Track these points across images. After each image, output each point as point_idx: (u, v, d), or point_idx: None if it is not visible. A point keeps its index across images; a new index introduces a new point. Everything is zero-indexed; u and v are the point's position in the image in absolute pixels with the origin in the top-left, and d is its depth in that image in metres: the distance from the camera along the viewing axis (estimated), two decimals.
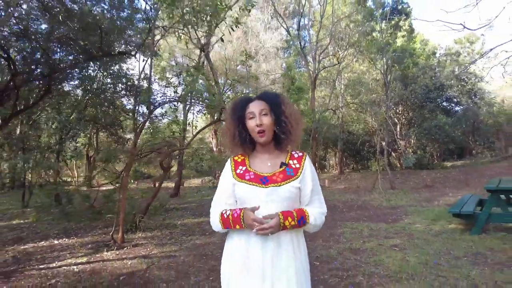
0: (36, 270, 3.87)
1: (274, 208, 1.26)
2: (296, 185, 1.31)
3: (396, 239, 4.54)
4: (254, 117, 1.34)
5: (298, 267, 1.28)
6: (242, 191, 1.32)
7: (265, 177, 1.32)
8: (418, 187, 11.77)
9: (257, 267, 1.24)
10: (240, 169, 1.38)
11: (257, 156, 1.42)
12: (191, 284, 3.25)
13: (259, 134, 1.34)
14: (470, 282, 2.94)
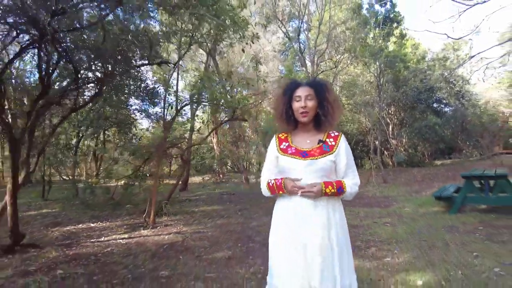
0: (89, 243, 4.63)
1: (311, 177, 1.49)
2: (331, 159, 1.53)
3: (388, 218, 5.39)
4: (300, 100, 1.56)
5: (332, 224, 1.50)
6: (285, 162, 1.56)
7: (305, 151, 1.54)
8: (409, 181, 12.68)
9: (296, 222, 1.49)
10: (284, 145, 1.62)
11: (298, 134, 1.66)
12: (223, 248, 4.05)
13: (302, 114, 1.57)
14: (443, 242, 3.80)
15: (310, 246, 1.45)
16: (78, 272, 3.48)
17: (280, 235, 1.56)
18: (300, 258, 1.45)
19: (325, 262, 1.44)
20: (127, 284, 3.08)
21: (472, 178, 5.46)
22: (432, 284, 2.67)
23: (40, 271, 3.53)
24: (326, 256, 1.44)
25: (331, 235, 1.47)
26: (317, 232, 1.46)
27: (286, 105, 1.62)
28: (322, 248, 1.44)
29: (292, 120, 1.63)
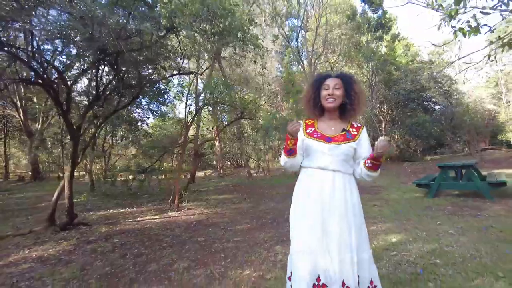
0: (129, 222, 5.57)
1: (332, 160, 1.64)
2: (353, 146, 1.66)
3: (376, 202, 6.39)
4: (329, 89, 1.70)
5: (349, 204, 1.64)
6: (311, 144, 1.69)
7: (329, 137, 1.68)
8: (399, 174, 13.74)
9: (315, 196, 1.63)
10: (310, 129, 1.75)
11: (324, 121, 1.78)
12: (243, 223, 5.02)
13: (327, 101, 1.70)
14: (417, 217, 4.81)
15: (328, 221, 1.59)
16: (130, 240, 4.43)
17: (301, 209, 1.68)
18: (319, 231, 1.58)
19: (342, 238, 1.57)
20: (174, 246, 4.03)
21: (446, 167, 6.49)
22: (403, 240, 3.67)
23: (99, 240, 4.47)
24: (343, 232, 1.58)
25: (348, 213, 1.61)
26: (335, 211, 1.59)
27: (315, 92, 1.77)
28: (340, 224, 1.58)
29: (319, 107, 1.77)
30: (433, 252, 3.22)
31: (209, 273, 3.04)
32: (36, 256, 3.93)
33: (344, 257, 1.54)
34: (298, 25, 15.37)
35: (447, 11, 2.62)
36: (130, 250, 3.96)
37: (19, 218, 6.55)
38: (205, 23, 3.49)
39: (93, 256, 3.80)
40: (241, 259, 3.38)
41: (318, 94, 1.75)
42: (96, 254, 3.87)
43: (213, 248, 3.85)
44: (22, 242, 4.61)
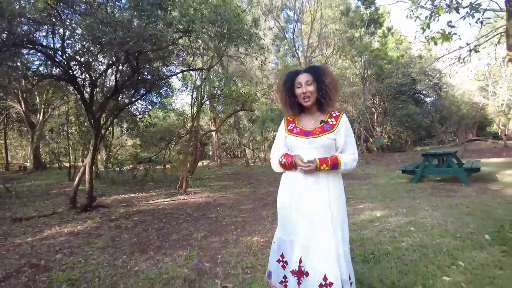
0: (143, 204, 6.15)
1: (313, 153, 1.67)
2: (332, 136, 1.67)
3: (365, 186, 7.07)
4: (301, 86, 1.70)
5: (332, 197, 1.66)
6: (291, 141, 1.75)
7: (308, 131, 1.71)
8: (389, 163, 14.48)
9: (300, 192, 1.69)
10: (291, 126, 1.80)
11: (304, 117, 1.81)
12: (247, 203, 5.65)
13: (304, 99, 1.71)
14: (400, 198, 5.49)
15: (311, 213, 1.64)
16: (149, 218, 5.02)
17: (286, 199, 1.78)
18: (303, 220, 1.66)
19: (325, 228, 1.61)
20: (189, 222, 4.64)
21: (428, 155, 7.18)
22: (385, 215, 4.32)
23: (121, 219, 5.06)
24: (327, 222, 1.62)
25: (332, 206, 1.64)
26: (318, 199, 1.65)
27: (289, 92, 1.77)
28: (323, 215, 1.63)
29: (296, 105, 1.79)
30: (410, 222, 3.88)
31: (224, 239, 3.66)
32: (68, 231, 4.50)
33: (327, 249, 1.58)
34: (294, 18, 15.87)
35: (422, 25, 3.19)
36: (151, 226, 4.55)
37: (36, 203, 7.06)
38: (216, 27, 4.00)
39: (118, 231, 4.39)
40: (250, 229, 4.01)
41: (293, 93, 1.77)
42: (121, 229, 4.46)
43: (224, 222, 4.47)
44: (49, 221, 5.16)
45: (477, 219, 3.80)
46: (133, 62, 4.51)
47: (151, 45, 4.11)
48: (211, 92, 7.83)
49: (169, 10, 4.33)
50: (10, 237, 4.35)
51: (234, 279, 2.58)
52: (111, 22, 3.77)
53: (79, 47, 4.17)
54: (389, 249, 2.98)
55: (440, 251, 2.83)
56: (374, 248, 3.03)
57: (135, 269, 2.99)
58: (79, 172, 5.87)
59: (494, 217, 3.81)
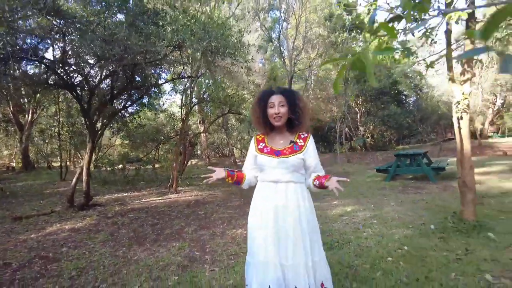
0: (136, 203, 6.58)
1: (283, 172, 1.76)
2: (301, 156, 1.77)
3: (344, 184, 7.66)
4: (274, 107, 1.77)
5: (302, 211, 1.73)
6: (262, 160, 1.81)
7: (278, 151, 1.79)
8: (370, 162, 15.23)
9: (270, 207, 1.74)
10: (261, 145, 1.87)
11: (273, 136, 1.88)
12: (233, 201, 6.15)
13: (275, 119, 1.79)
14: (372, 195, 6.09)
15: (283, 228, 1.69)
16: (143, 215, 5.47)
17: (257, 219, 1.79)
18: (274, 239, 1.68)
19: (297, 242, 1.66)
20: (180, 218, 5.12)
21: (400, 156, 7.84)
22: (355, 210, 4.90)
23: (117, 216, 5.49)
24: (298, 240, 1.66)
25: (302, 219, 1.70)
26: (288, 219, 1.69)
27: (262, 111, 1.83)
28: (294, 230, 1.67)
29: (268, 124, 1.84)
30: (374, 216, 4.46)
31: (212, 232, 4.17)
32: (68, 228, 4.92)
33: (298, 262, 1.64)
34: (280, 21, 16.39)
35: None
36: (146, 222, 5.02)
37: (32, 202, 7.39)
38: (205, 43, 4.45)
39: (116, 227, 4.83)
40: (235, 223, 4.53)
41: (265, 112, 1.82)
42: (118, 225, 4.91)
43: (212, 217, 4.98)
44: (48, 219, 5.55)
45: (431, 213, 4.41)
46: (128, 73, 4.94)
47: (146, 59, 4.55)
48: (200, 96, 8.29)
49: (161, 27, 4.78)
50: (13, 234, 4.73)
51: (220, 264, 3.09)
52: (109, 39, 4.21)
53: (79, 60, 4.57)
54: (352, 238, 3.54)
55: (392, 239, 3.41)
56: (339, 237, 3.59)
57: (135, 258, 3.46)
58: (77, 173, 6.25)
59: (445, 211, 4.42)
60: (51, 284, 2.93)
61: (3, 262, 3.53)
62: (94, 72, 5.07)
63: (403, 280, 2.42)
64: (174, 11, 4.76)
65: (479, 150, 17.92)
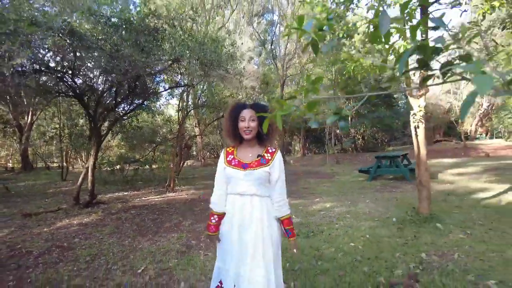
0: (136, 201, 7.15)
1: (249, 184, 1.82)
2: (267, 170, 1.84)
3: (327, 183, 8.31)
4: (244, 121, 1.84)
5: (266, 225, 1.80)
6: (229, 172, 1.86)
7: (246, 163, 1.85)
8: (359, 163, 15.91)
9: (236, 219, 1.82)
10: (230, 157, 1.92)
11: (242, 148, 1.94)
12: None
13: (245, 132, 1.85)
14: (352, 193, 6.71)
15: (244, 241, 1.76)
16: (144, 211, 6.05)
17: (226, 228, 1.86)
18: (236, 250, 1.76)
19: (255, 256, 1.72)
20: (178, 213, 5.70)
21: (380, 157, 8.50)
22: (333, 206, 5.53)
23: (120, 212, 6.06)
24: (257, 251, 1.73)
25: (264, 233, 1.77)
26: (250, 230, 1.76)
27: (233, 124, 1.88)
28: (255, 244, 1.73)
29: (238, 136, 1.89)
30: (348, 211, 5.09)
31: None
32: (77, 223, 5.47)
33: (255, 275, 1.69)
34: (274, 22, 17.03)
35: None
36: (147, 217, 5.59)
37: (37, 201, 7.91)
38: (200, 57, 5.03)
39: (120, 222, 5.40)
40: None
41: (236, 125, 1.87)
42: (122, 220, 5.47)
43: (206, 213, 5.57)
44: (56, 216, 6.08)
45: (398, 208, 5.05)
46: (131, 83, 5.51)
47: (147, 72, 5.13)
48: (196, 101, 8.87)
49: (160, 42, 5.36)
50: (26, 229, 5.27)
51: (213, 250, 3.69)
52: (115, 55, 4.79)
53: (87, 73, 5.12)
54: (325, 228, 4.16)
55: (359, 229, 4.04)
56: (315, 228, 4.21)
57: (139, 246, 4.05)
58: (82, 173, 6.78)
59: (410, 207, 5.06)
60: (70, 267, 3.50)
61: (25, 250, 4.09)
62: (101, 82, 5.62)
63: (358, 259, 3.04)
64: (172, 28, 5.35)
65: (464, 152, 18.73)
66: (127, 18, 4.66)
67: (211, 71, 5.43)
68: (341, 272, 2.78)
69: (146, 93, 6.36)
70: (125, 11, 4.74)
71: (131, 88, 5.81)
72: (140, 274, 3.21)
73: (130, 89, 5.89)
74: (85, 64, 4.89)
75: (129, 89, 5.88)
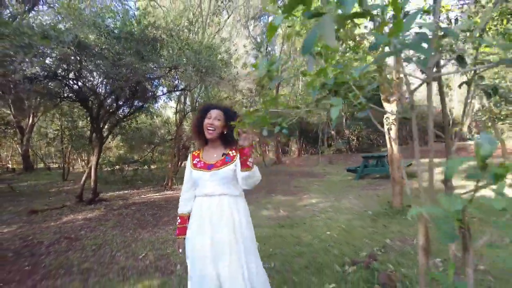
0: (136, 198, 7.58)
1: (216, 184, 1.81)
2: (232, 167, 1.81)
3: (318, 182, 8.77)
4: (210, 118, 1.86)
5: (237, 223, 1.78)
6: (195, 175, 1.86)
7: (211, 164, 1.85)
8: (351, 163, 16.39)
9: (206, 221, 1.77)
10: (195, 160, 1.93)
11: (208, 150, 1.96)
12: None
13: (208, 130, 1.85)
14: (339, 191, 7.18)
15: (218, 241, 1.72)
16: (144, 207, 6.48)
17: (193, 231, 1.81)
18: (210, 252, 1.71)
19: (232, 255, 1.71)
20: (176, 209, 6.12)
21: (367, 157, 8.98)
22: (319, 202, 5.99)
23: (121, 208, 6.49)
24: (233, 250, 1.72)
25: (237, 231, 1.76)
26: (223, 229, 1.74)
27: (200, 121, 1.90)
28: (230, 243, 1.72)
29: (203, 135, 1.90)
30: (331, 206, 5.56)
31: None
32: (81, 218, 5.91)
33: (235, 274, 1.68)
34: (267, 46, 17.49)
35: None
36: (146, 212, 6.04)
37: (41, 199, 8.32)
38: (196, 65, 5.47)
39: (122, 217, 5.84)
40: None
41: (202, 123, 1.88)
42: (123, 215, 5.91)
43: None
44: (62, 212, 6.51)
45: (377, 204, 5.52)
46: (132, 88, 5.96)
47: (147, 78, 5.58)
48: (193, 103, 9.32)
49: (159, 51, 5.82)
50: (35, 224, 5.70)
51: None
52: (117, 63, 5.24)
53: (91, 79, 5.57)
54: (307, 220, 4.62)
55: (337, 221, 4.50)
56: (299, 220, 4.67)
57: (140, 237, 4.49)
58: (85, 172, 7.22)
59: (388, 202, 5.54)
60: (78, 254, 3.94)
61: (37, 241, 4.52)
62: (104, 87, 6.07)
63: (331, 244, 3.50)
64: (170, 38, 5.80)
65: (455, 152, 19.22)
66: (129, 30, 5.11)
67: (206, 77, 5.87)
68: (315, 254, 3.24)
69: (146, 97, 6.81)
70: (127, 24, 5.19)
71: (131, 92, 6.26)
72: (141, 259, 3.66)
73: (131, 93, 6.33)
74: (90, 71, 5.34)
75: (130, 93, 6.33)
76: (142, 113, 12.10)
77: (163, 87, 7.12)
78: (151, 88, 6.72)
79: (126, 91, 5.84)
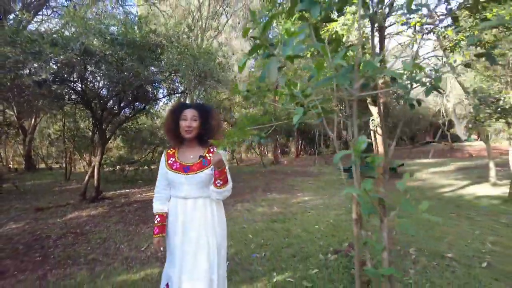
0: (138, 196, 7.90)
1: (192, 188, 1.82)
2: (208, 172, 1.82)
3: (312, 181, 9.09)
4: (186, 120, 1.82)
5: (210, 226, 1.81)
6: (171, 177, 1.85)
7: (188, 166, 1.83)
8: (347, 165, 16.72)
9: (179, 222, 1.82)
10: (171, 160, 1.90)
11: (184, 150, 1.92)
12: None
13: (186, 132, 1.83)
14: (331, 188, 7.50)
15: (187, 243, 1.77)
16: (145, 205, 6.79)
17: (170, 230, 1.88)
18: (179, 253, 1.77)
19: (198, 257, 1.75)
20: None
21: None
22: (311, 199, 6.31)
23: (124, 206, 6.80)
24: (200, 252, 1.75)
25: (208, 234, 1.79)
26: (192, 232, 1.78)
27: (174, 122, 1.87)
28: (196, 245, 1.76)
29: (179, 135, 1.88)
30: (322, 203, 5.88)
31: None
32: (86, 214, 6.21)
33: (197, 277, 1.71)
34: None
35: None
36: (148, 209, 6.34)
37: (45, 198, 8.61)
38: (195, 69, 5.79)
39: (124, 214, 6.15)
40: (230, 207, 5.87)
41: (178, 124, 1.85)
42: (126, 212, 6.22)
43: None
44: (66, 209, 6.81)
45: None
46: (134, 91, 6.27)
47: (148, 82, 5.90)
48: None
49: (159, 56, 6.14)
50: (41, 220, 6.00)
51: None
52: (120, 68, 5.56)
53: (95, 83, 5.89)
54: (299, 216, 4.94)
55: (326, 216, 4.82)
56: (291, 216, 4.99)
57: (142, 231, 4.80)
58: (89, 171, 7.53)
59: None
60: (85, 247, 4.26)
61: (45, 235, 4.84)
62: (107, 91, 6.38)
63: (318, 236, 3.82)
64: (170, 44, 6.12)
65: (450, 153, 19.59)
66: (131, 37, 5.42)
67: (204, 81, 6.19)
68: (303, 245, 3.55)
69: (147, 99, 7.13)
70: (129, 31, 5.51)
71: (133, 95, 6.58)
72: (143, 251, 3.97)
73: (133, 95, 6.65)
74: (94, 75, 5.66)
75: (132, 96, 6.65)
76: (143, 114, 12.48)
77: (164, 89, 7.44)
78: (152, 90, 7.04)
79: (129, 94, 6.16)
